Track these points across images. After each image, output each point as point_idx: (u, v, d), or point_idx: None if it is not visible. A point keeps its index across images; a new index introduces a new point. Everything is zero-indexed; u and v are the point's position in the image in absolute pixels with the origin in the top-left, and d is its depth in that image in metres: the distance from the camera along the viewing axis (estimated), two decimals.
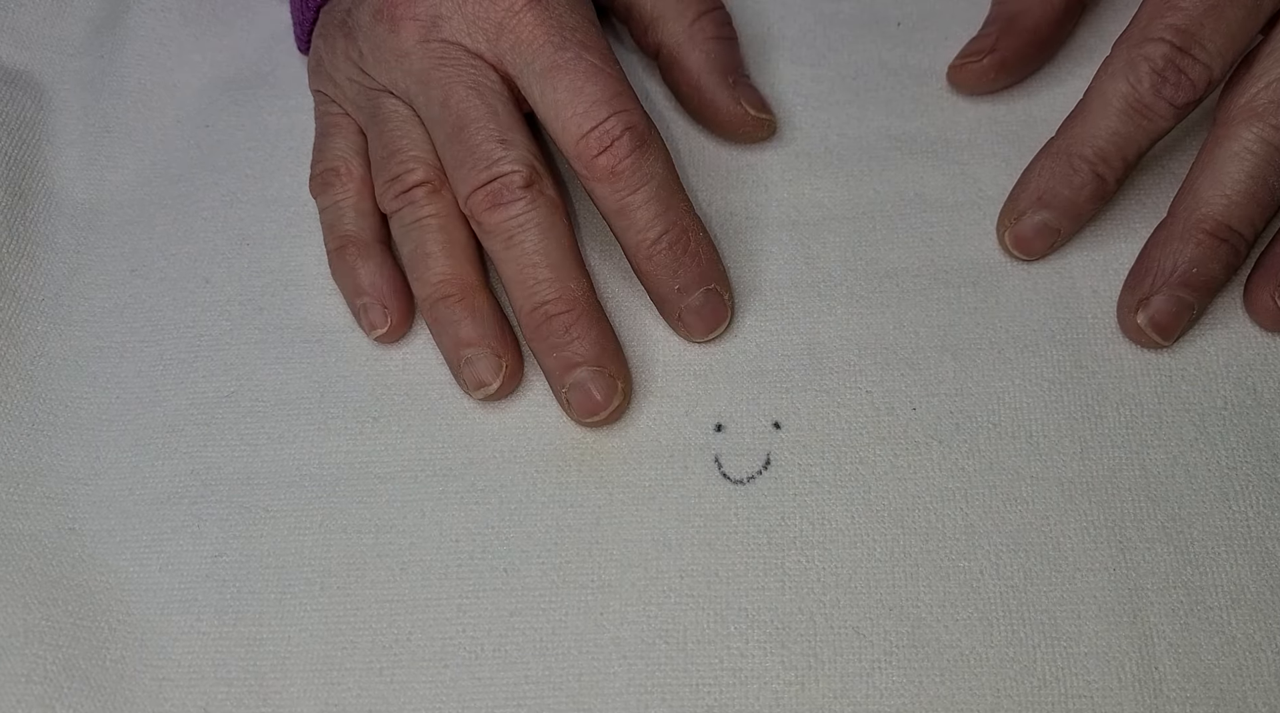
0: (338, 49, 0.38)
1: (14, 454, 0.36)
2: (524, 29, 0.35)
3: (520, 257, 0.34)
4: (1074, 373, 0.35)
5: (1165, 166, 0.38)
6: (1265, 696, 0.30)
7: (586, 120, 0.34)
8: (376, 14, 0.36)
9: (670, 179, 0.35)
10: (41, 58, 0.44)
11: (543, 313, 0.34)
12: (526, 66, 0.35)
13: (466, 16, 0.35)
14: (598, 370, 0.34)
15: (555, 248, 0.34)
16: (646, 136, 0.34)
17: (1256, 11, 0.34)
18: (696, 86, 0.39)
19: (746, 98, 0.38)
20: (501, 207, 0.34)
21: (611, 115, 0.34)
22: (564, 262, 0.34)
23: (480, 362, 0.35)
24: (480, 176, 0.34)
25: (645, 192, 0.34)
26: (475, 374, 0.35)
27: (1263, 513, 0.32)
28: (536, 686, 0.32)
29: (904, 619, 0.32)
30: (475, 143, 0.34)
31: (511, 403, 0.36)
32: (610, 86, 0.34)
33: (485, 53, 0.35)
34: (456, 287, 0.35)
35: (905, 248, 0.37)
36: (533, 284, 0.34)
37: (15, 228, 0.40)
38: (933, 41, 0.41)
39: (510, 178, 0.34)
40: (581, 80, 0.34)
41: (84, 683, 0.32)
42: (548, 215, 0.34)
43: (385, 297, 0.37)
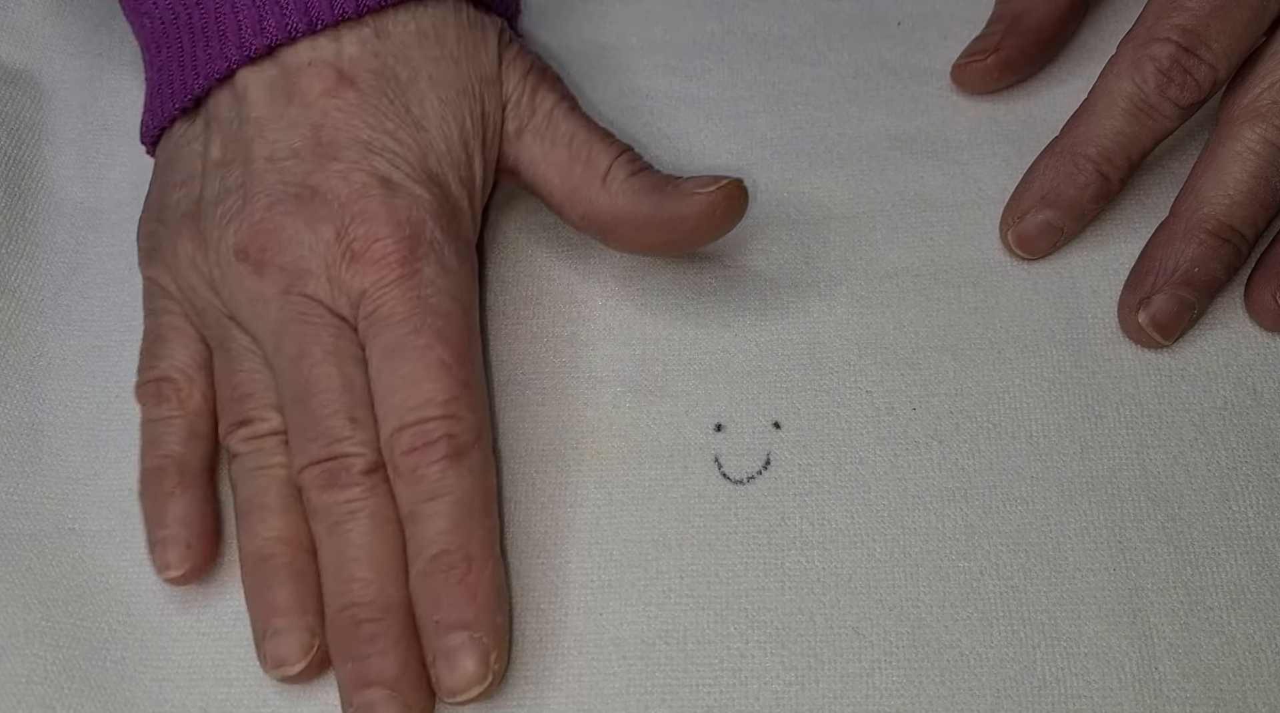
0: (182, 252, 0.34)
1: (14, 454, 0.36)
2: (386, 302, 0.32)
3: (343, 547, 0.31)
4: (1074, 373, 0.35)
5: (1166, 166, 0.38)
6: (1265, 696, 0.30)
7: (410, 415, 0.31)
8: (240, 252, 0.33)
9: (478, 501, 0.31)
10: (41, 57, 0.44)
11: (351, 616, 0.31)
12: (375, 338, 0.32)
13: (333, 279, 0.33)
14: (392, 696, 0.30)
15: (382, 546, 0.31)
16: (465, 450, 0.31)
17: (1262, 13, 0.34)
18: (645, 225, 0.34)
19: (694, 187, 0.34)
20: (335, 488, 0.31)
21: (436, 420, 0.31)
22: (388, 564, 0.31)
23: (288, 637, 0.31)
24: (320, 451, 0.31)
25: (442, 503, 0.31)
26: (277, 650, 0.31)
27: (1263, 513, 0.32)
28: (536, 686, 0.32)
29: (904, 619, 0.32)
30: (322, 415, 0.32)
31: (511, 403, 0.36)
32: (449, 389, 0.32)
33: (347, 315, 0.33)
34: (286, 549, 0.32)
35: (905, 247, 0.37)
36: (348, 581, 0.31)
37: (14, 227, 0.40)
38: (933, 41, 0.41)
39: (351, 461, 0.31)
40: (421, 373, 0.32)
41: (84, 683, 0.32)
42: (384, 508, 0.31)
43: (192, 537, 0.33)
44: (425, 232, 0.33)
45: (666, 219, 0.34)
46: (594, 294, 0.37)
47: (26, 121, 0.42)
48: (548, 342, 0.37)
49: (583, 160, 0.35)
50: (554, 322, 0.37)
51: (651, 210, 0.34)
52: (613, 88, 0.41)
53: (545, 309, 0.37)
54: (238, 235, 0.33)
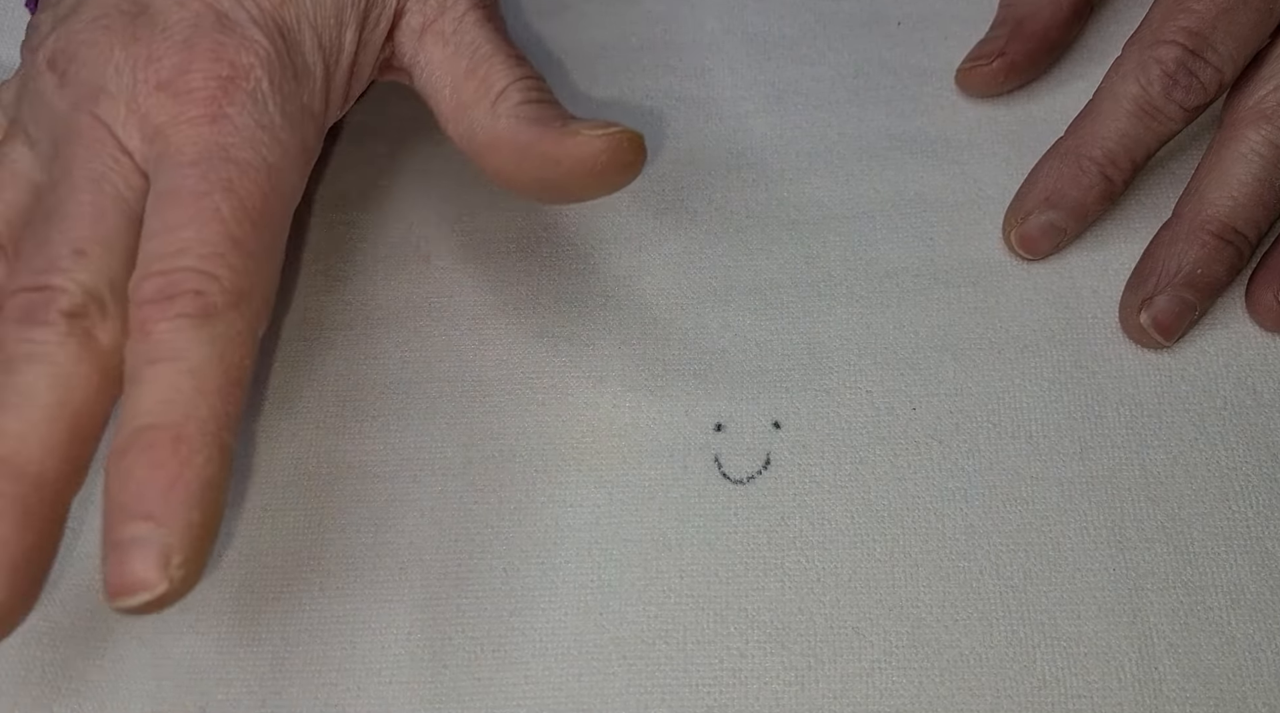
0: (23, 63, 0.32)
1: None
2: (177, 141, 0.29)
3: (3, 389, 0.26)
4: (1074, 373, 0.35)
5: (1168, 167, 0.38)
6: (1265, 696, 0.30)
7: (159, 262, 0.27)
8: (50, 62, 0.30)
9: (211, 375, 0.27)
10: None
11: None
12: (156, 180, 0.29)
13: (131, 105, 0.29)
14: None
15: (50, 404, 0.26)
16: (212, 313, 0.27)
17: (1268, 15, 0.34)
18: (521, 153, 0.31)
19: (583, 128, 0.30)
20: (26, 323, 0.27)
21: (190, 270, 0.27)
22: (46, 426, 0.26)
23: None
24: (28, 279, 0.27)
25: (165, 368, 0.26)
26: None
27: (1263, 513, 0.32)
28: (536, 686, 0.32)
29: (904, 619, 0.32)
30: (50, 239, 0.28)
31: (511, 403, 0.36)
32: (212, 242, 0.27)
33: (135, 150, 0.29)
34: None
35: (905, 247, 0.37)
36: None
37: None
38: (933, 41, 0.41)
39: (56, 295, 0.27)
40: (187, 218, 0.28)
41: (83, 683, 0.32)
42: (73, 360, 0.27)
43: None
44: (249, 77, 0.29)
45: (542, 154, 0.30)
46: (594, 294, 0.37)
47: None
48: (548, 342, 0.37)
49: (479, 76, 0.32)
50: (554, 322, 0.37)
51: (529, 141, 0.30)
52: (613, 88, 0.41)
53: (545, 309, 0.37)
54: (55, 44, 0.30)
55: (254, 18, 0.30)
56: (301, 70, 0.31)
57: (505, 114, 0.31)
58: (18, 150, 0.31)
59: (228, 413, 0.27)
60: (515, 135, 0.31)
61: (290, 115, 0.30)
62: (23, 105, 0.31)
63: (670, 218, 0.39)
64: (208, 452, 0.26)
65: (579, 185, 0.31)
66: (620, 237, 0.38)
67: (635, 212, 0.39)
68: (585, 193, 0.32)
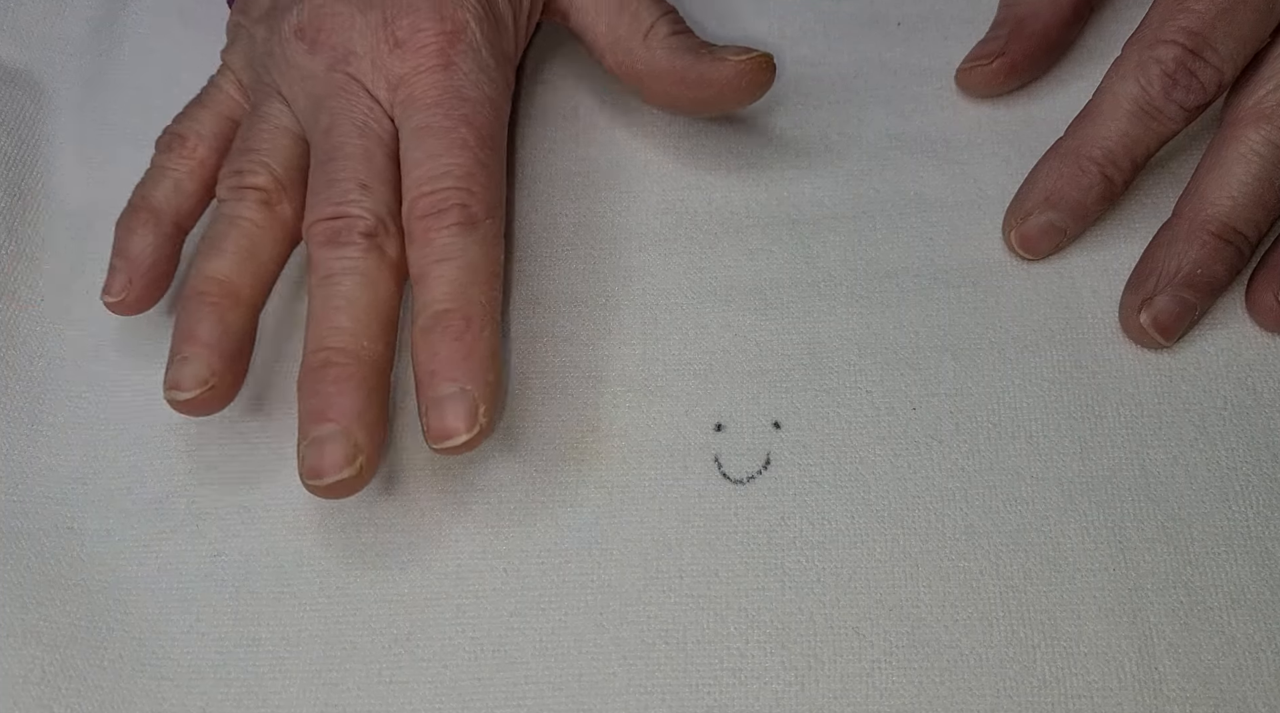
0: (257, 36, 0.38)
1: (13, 454, 0.36)
2: (420, 87, 0.35)
3: (329, 297, 0.33)
4: (1074, 373, 0.35)
5: (1168, 167, 0.38)
6: (1265, 696, 0.30)
7: (428, 184, 0.33)
8: (298, 31, 0.36)
9: (482, 269, 0.33)
10: (41, 57, 0.44)
11: (322, 357, 0.32)
12: (408, 119, 0.35)
13: (375, 62, 0.35)
14: (344, 432, 0.31)
15: (367, 302, 0.33)
16: (477, 219, 0.33)
17: (1268, 15, 0.34)
18: (678, 80, 0.37)
19: (727, 54, 0.36)
20: (335, 245, 0.33)
21: (453, 188, 0.33)
22: (369, 319, 0.33)
23: (190, 367, 0.33)
24: (328, 210, 0.34)
25: (449, 266, 0.33)
26: (177, 374, 0.33)
27: (1263, 513, 0.32)
28: (536, 686, 0.32)
29: (904, 619, 0.32)
30: (338, 177, 0.34)
31: (510, 402, 0.36)
32: (466, 165, 0.34)
33: (383, 99, 0.35)
34: (220, 290, 0.34)
35: (905, 247, 0.37)
36: (327, 328, 0.32)
37: (14, 228, 0.40)
38: (933, 41, 0.41)
39: (354, 221, 0.33)
40: (443, 148, 0.34)
41: (82, 683, 0.32)
42: (376, 270, 0.33)
43: (139, 272, 0.36)
44: (467, 31, 0.35)
45: (697, 78, 0.36)
46: (594, 294, 0.37)
47: (27, 122, 0.42)
48: (548, 342, 0.37)
49: (630, 12, 0.38)
50: (554, 322, 0.37)
51: (684, 68, 0.36)
52: (613, 88, 0.41)
53: (545, 309, 0.37)
54: (300, 16, 0.36)
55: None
56: (500, 21, 0.37)
57: (658, 45, 0.37)
58: (276, 107, 0.37)
59: (495, 298, 0.34)
60: (671, 64, 0.37)
61: (497, 58, 0.36)
62: (269, 69, 0.37)
63: (670, 218, 0.39)
64: (490, 327, 0.33)
65: (727, 101, 0.37)
66: (620, 237, 0.38)
67: (635, 212, 0.39)
68: (731, 106, 0.38)
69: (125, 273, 0.36)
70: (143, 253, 0.36)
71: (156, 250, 0.36)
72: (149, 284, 0.36)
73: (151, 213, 0.36)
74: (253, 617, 0.33)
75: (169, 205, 0.37)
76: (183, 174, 0.37)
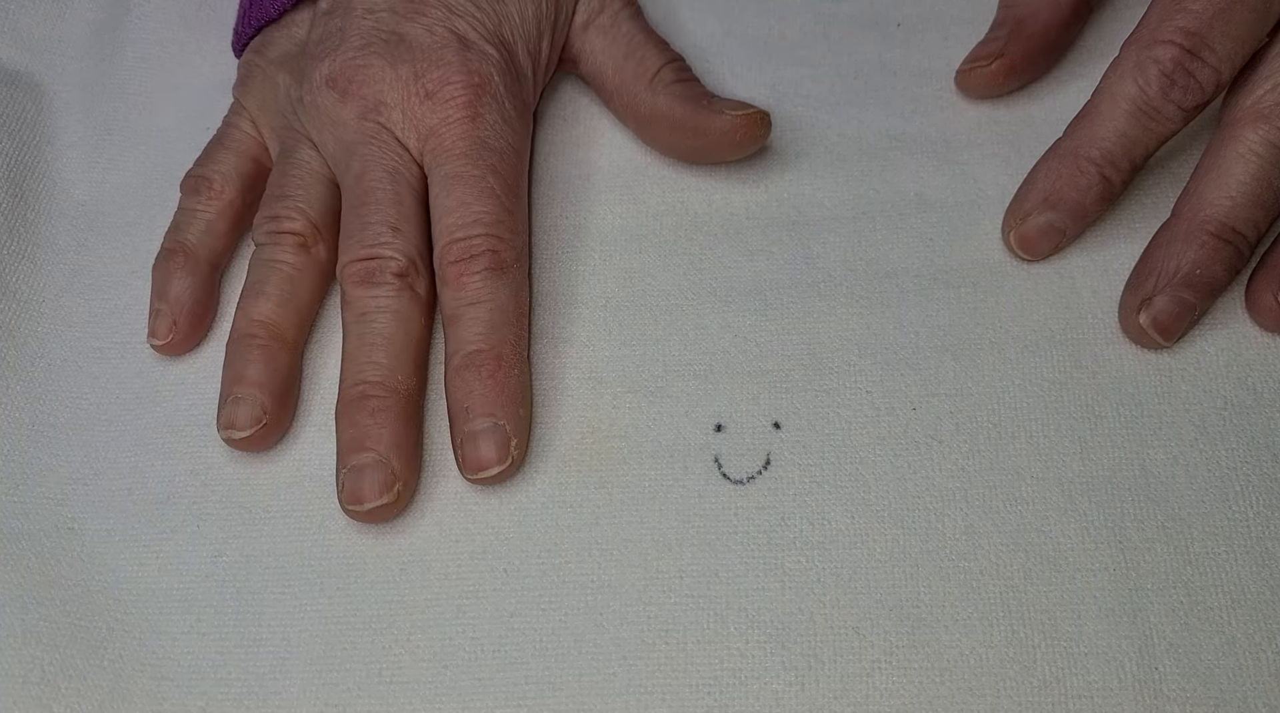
0: (279, 82, 0.39)
1: (14, 454, 0.36)
2: (450, 137, 0.36)
3: (365, 333, 0.35)
4: (1074, 373, 0.35)
5: (1168, 167, 0.38)
6: (1265, 696, 0.30)
7: (460, 231, 0.35)
8: (330, 81, 0.37)
9: (511, 311, 0.35)
10: (42, 59, 0.44)
11: (360, 390, 0.34)
12: (438, 168, 0.36)
13: (406, 112, 0.37)
14: (382, 461, 0.33)
15: (401, 339, 0.35)
16: (507, 265, 0.35)
17: (1265, 14, 0.34)
18: (676, 126, 0.38)
19: (725, 107, 0.38)
20: (369, 285, 0.35)
21: (483, 236, 0.35)
22: (403, 355, 0.35)
23: (244, 406, 0.35)
24: (362, 252, 0.35)
25: (481, 309, 0.35)
26: (232, 415, 0.35)
27: (1263, 513, 0.32)
28: (536, 686, 0.32)
29: (904, 619, 0.32)
30: (370, 221, 0.36)
31: None
32: (495, 212, 0.35)
33: (412, 147, 0.37)
34: (268, 333, 0.36)
35: (905, 248, 0.37)
36: (364, 363, 0.34)
37: (16, 229, 0.40)
38: (933, 42, 0.41)
39: (388, 262, 0.35)
40: (474, 197, 0.35)
41: (82, 683, 0.32)
42: (409, 308, 0.35)
43: (181, 314, 0.37)
44: (491, 84, 0.37)
45: (696, 126, 0.38)
46: (594, 294, 0.37)
47: (29, 123, 0.43)
48: (548, 342, 0.37)
49: (636, 59, 0.39)
50: (554, 322, 0.37)
51: (684, 116, 0.38)
52: None
53: (545, 309, 0.37)
54: (331, 67, 0.37)
55: (484, 38, 0.38)
56: (520, 73, 0.39)
57: (662, 92, 0.38)
58: (307, 152, 0.38)
59: (523, 337, 0.36)
60: (672, 111, 0.38)
61: (518, 108, 0.38)
62: (297, 116, 0.38)
63: (670, 218, 0.39)
64: (520, 365, 0.35)
65: (722, 151, 0.38)
66: (620, 237, 0.38)
67: (635, 212, 0.39)
68: (724, 157, 0.39)
69: (169, 316, 0.37)
70: (182, 295, 0.37)
71: (195, 291, 0.38)
72: (192, 324, 0.37)
73: (187, 256, 0.38)
74: (253, 617, 0.33)
75: (203, 247, 0.38)
76: (213, 216, 0.39)
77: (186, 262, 0.38)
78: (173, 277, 0.38)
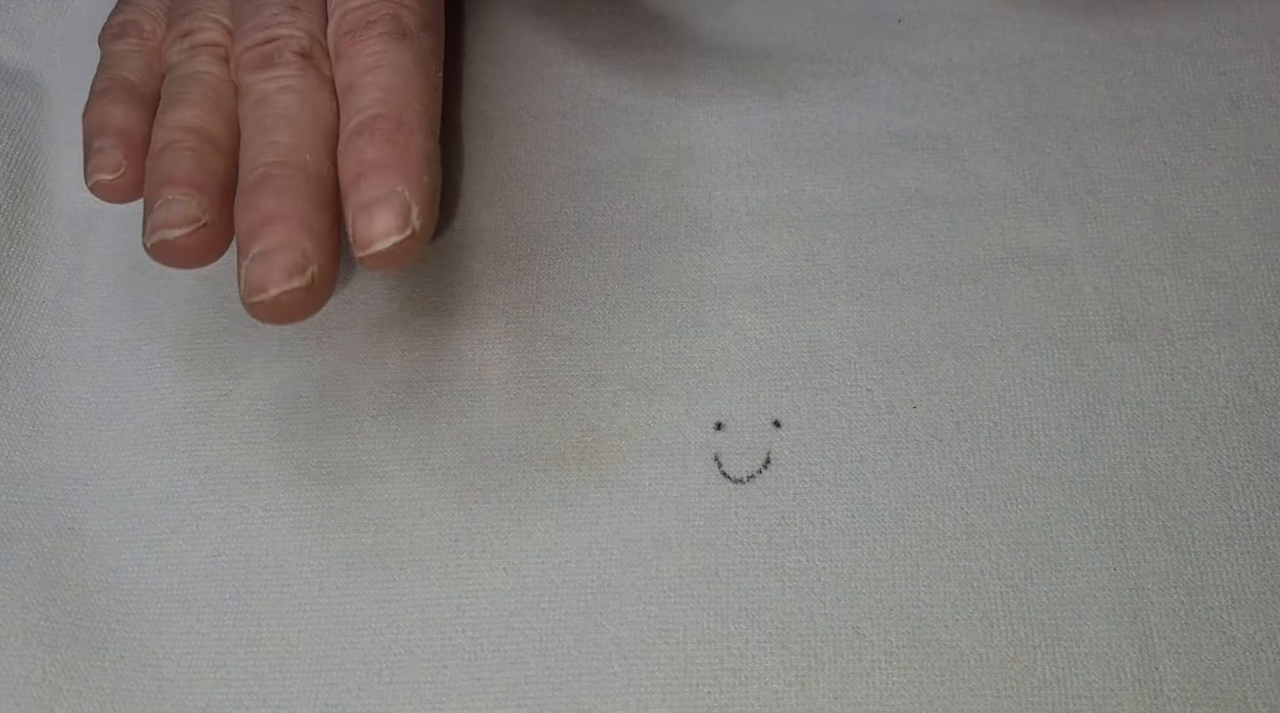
0: None
1: (13, 454, 0.36)
2: None
3: (264, 117, 0.31)
4: (1075, 371, 0.34)
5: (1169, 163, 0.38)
6: (1265, 696, 0.30)
7: (357, 1, 0.33)
8: None
9: (416, 78, 0.32)
10: (42, 58, 0.44)
11: (260, 173, 0.30)
12: None
13: None
14: (289, 243, 0.29)
15: (309, 119, 0.31)
16: (409, 32, 0.32)
17: None
18: None
19: None
20: (268, 68, 0.32)
21: (384, 2, 0.32)
22: (310, 134, 0.31)
23: (177, 206, 0.30)
24: (259, 35, 0.32)
25: (378, 75, 0.31)
26: (163, 216, 0.30)
27: (1264, 513, 0.32)
28: (536, 686, 0.32)
29: (904, 619, 0.32)
30: (264, 3, 0.33)
31: (510, 403, 0.36)
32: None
33: None
34: (195, 137, 0.32)
35: (906, 245, 0.37)
36: (264, 145, 0.31)
37: (15, 228, 0.40)
38: (934, 37, 0.41)
39: (287, 41, 0.32)
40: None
41: (82, 684, 0.32)
42: (314, 88, 0.32)
43: (132, 145, 0.32)
44: None
45: None
46: (593, 292, 0.37)
47: (28, 122, 0.42)
48: (546, 341, 0.36)
49: None
50: (554, 321, 0.37)
51: None
52: (612, 86, 0.41)
53: (545, 309, 0.37)
54: None
55: None
56: None
57: None
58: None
59: (431, 110, 0.32)
60: None
61: None
62: None
63: (669, 215, 0.39)
64: (425, 132, 0.31)
65: None
66: (619, 235, 0.38)
67: (634, 210, 0.39)
68: None
69: (119, 148, 0.32)
70: (130, 125, 0.33)
71: (144, 125, 0.33)
72: (144, 160, 0.32)
73: (128, 90, 0.34)
74: (253, 617, 0.33)
75: (143, 83, 0.34)
76: (148, 56, 0.35)
77: (128, 95, 0.34)
78: (116, 108, 0.33)
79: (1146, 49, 0.40)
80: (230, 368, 0.37)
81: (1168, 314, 0.35)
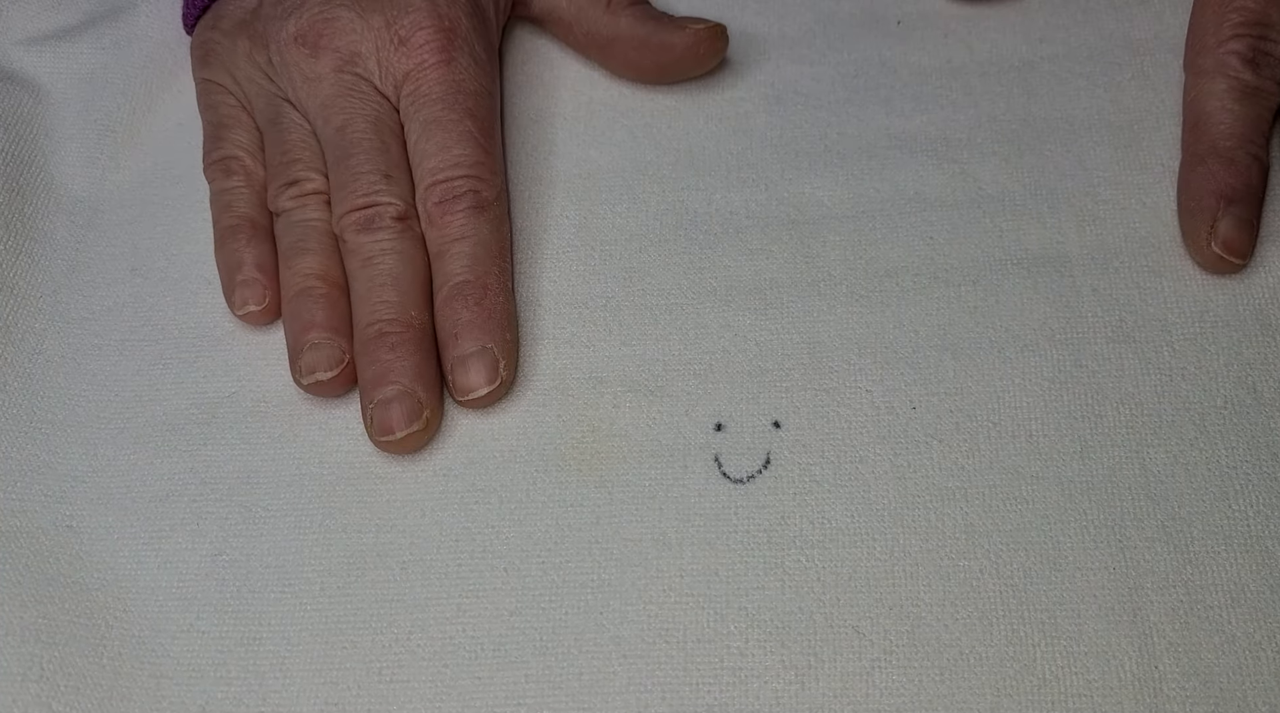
0: (239, 49, 0.40)
1: (12, 452, 0.36)
2: (426, 83, 0.37)
3: (374, 276, 0.36)
4: (1074, 372, 0.35)
5: (1167, 165, 0.38)
6: (1265, 696, 0.30)
7: (442, 173, 0.37)
8: (298, 38, 0.38)
9: (493, 245, 0.36)
10: (42, 56, 0.44)
11: (376, 330, 0.35)
12: (416, 114, 0.37)
13: (381, 60, 0.38)
14: (406, 391, 0.34)
15: (409, 278, 0.36)
16: (487, 204, 0.37)
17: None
18: (640, 45, 0.40)
19: (685, 22, 0.39)
20: (370, 231, 0.36)
21: (463, 178, 0.36)
22: (412, 292, 0.36)
23: (322, 350, 0.35)
24: (360, 200, 0.36)
25: (464, 245, 0.36)
26: (313, 360, 0.35)
27: (1263, 513, 0.32)
28: (536, 685, 0.32)
29: (904, 619, 0.32)
30: (361, 171, 0.37)
31: (511, 403, 0.36)
32: (474, 154, 0.37)
33: (390, 95, 0.38)
34: (324, 283, 0.36)
35: (905, 247, 0.37)
36: (377, 303, 0.35)
37: (14, 225, 0.40)
38: (933, 39, 0.41)
39: (385, 208, 0.36)
40: (453, 141, 0.37)
41: (81, 682, 0.32)
42: (411, 248, 0.36)
43: (268, 280, 0.37)
44: (461, 28, 0.38)
45: (660, 43, 0.40)
46: (594, 294, 0.37)
47: (26, 119, 0.42)
48: (548, 341, 0.37)
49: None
50: (554, 321, 0.37)
51: (646, 34, 0.40)
52: (613, 89, 0.42)
53: (545, 309, 0.37)
54: (298, 24, 0.38)
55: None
56: (485, 15, 0.40)
57: (622, 13, 0.40)
58: (293, 114, 0.39)
59: (507, 271, 0.37)
60: (633, 31, 0.40)
61: (487, 51, 0.39)
62: (270, 79, 0.39)
63: (670, 218, 0.39)
64: (505, 294, 0.36)
65: (684, 66, 0.40)
66: (620, 237, 0.38)
67: (635, 212, 0.39)
68: (688, 73, 0.41)
69: (259, 282, 0.37)
70: (264, 260, 0.38)
71: (272, 257, 0.38)
72: (277, 290, 0.37)
73: (255, 228, 0.38)
74: (253, 616, 0.33)
75: (262, 218, 0.39)
76: (259, 191, 0.39)
77: (255, 232, 0.38)
78: (249, 245, 0.38)
79: (1145, 52, 0.40)
80: (233, 370, 0.37)
81: (1166, 315, 0.35)
